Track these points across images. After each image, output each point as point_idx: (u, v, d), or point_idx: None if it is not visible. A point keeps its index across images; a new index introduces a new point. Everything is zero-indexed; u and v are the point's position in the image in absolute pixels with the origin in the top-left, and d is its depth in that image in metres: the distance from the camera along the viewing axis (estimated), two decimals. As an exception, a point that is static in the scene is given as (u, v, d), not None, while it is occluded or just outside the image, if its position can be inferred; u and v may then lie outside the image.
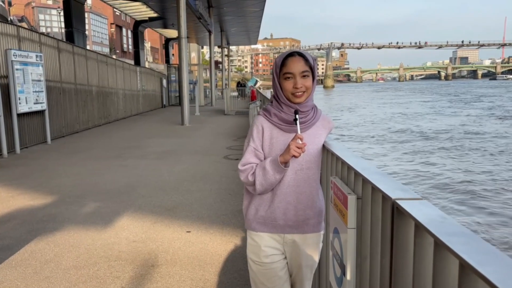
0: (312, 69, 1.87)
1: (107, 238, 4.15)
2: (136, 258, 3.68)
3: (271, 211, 1.93)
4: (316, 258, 2.03)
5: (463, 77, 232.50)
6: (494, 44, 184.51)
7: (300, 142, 1.77)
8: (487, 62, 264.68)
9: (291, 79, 1.85)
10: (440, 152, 15.38)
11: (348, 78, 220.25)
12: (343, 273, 1.55)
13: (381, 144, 17.44)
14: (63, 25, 18.03)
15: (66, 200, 5.51)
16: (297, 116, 1.83)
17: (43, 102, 10.30)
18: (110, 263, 3.59)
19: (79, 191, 5.98)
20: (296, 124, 1.83)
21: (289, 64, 1.86)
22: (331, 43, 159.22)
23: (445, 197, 9.53)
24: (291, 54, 1.89)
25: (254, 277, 2.00)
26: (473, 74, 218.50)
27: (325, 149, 1.96)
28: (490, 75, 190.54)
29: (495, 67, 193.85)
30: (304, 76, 1.85)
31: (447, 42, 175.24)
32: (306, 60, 1.86)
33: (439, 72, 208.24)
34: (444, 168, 12.58)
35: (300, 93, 1.85)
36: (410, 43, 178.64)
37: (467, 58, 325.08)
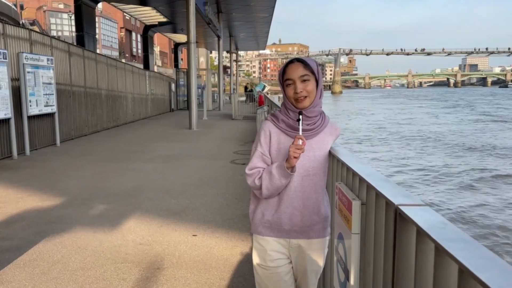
0: (314, 73, 1.89)
1: (114, 241, 4.19)
2: (142, 261, 3.71)
3: (277, 216, 1.95)
4: (321, 263, 2.04)
5: (472, 84, 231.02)
6: (504, 52, 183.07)
7: (301, 142, 1.78)
8: (497, 70, 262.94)
9: (291, 85, 1.89)
10: (444, 157, 15.30)
11: (356, 84, 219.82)
12: (347, 278, 1.56)
13: (387, 148, 17.37)
14: (74, 29, 18.25)
15: (74, 202, 5.56)
16: (300, 116, 1.85)
17: (53, 105, 10.42)
18: (116, 265, 3.62)
19: (87, 193, 6.03)
20: (298, 124, 1.85)
21: (289, 70, 1.90)
22: (340, 49, 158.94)
23: (448, 203, 9.49)
24: (291, 61, 1.93)
25: (259, 281, 2.02)
26: (482, 81, 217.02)
27: (330, 154, 1.98)
28: (500, 82, 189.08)
29: (505, 74, 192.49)
30: (304, 80, 1.87)
31: (442, 49, 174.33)
32: (305, 65, 1.88)
33: (448, 79, 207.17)
34: (447, 173, 12.52)
35: (301, 98, 1.87)
36: (418, 50, 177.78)
37: (476, 65, 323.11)
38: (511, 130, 24.35)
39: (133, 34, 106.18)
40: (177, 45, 34.45)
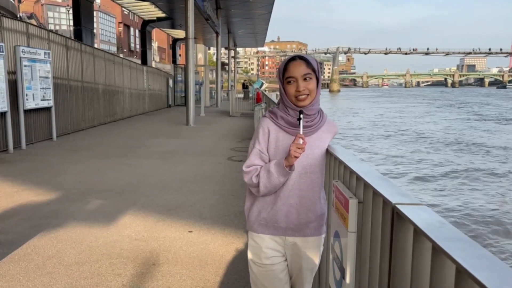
0: (315, 72, 1.88)
1: (109, 236, 4.17)
2: (138, 256, 3.70)
3: (274, 213, 1.94)
4: (317, 261, 2.04)
5: (470, 84, 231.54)
6: (502, 53, 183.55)
7: (301, 141, 1.77)
8: (494, 70, 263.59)
9: (293, 83, 1.86)
10: (441, 156, 15.34)
11: (354, 83, 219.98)
12: (343, 276, 1.56)
13: (383, 146, 17.40)
14: (71, 23, 18.16)
15: (69, 197, 5.54)
16: (301, 115, 1.84)
17: (50, 99, 10.36)
18: (111, 260, 3.61)
19: (83, 188, 6.01)
20: (299, 123, 1.84)
21: (291, 68, 1.87)
22: (338, 47, 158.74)
23: (446, 202, 9.52)
24: (293, 59, 1.90)
25: (254, 279, 2.01)
26: (480, 82, 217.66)
27: (328, 153, 1.97)
28: (497, 83, 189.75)
29: (503, 75, 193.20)
30: (306, 79, 1.86)
31: (435, 49, 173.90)
32: (308, 63, 1.86)
33: (445, 79, 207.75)
34: (445, 172, 12.55)
35: (303, 96, 1.86)
36: (414, 49, 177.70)
37: (474, 65, 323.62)
38: (499, 131, 24.44)
39: (131, 29, 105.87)
40: (175, 41, 34.33)
